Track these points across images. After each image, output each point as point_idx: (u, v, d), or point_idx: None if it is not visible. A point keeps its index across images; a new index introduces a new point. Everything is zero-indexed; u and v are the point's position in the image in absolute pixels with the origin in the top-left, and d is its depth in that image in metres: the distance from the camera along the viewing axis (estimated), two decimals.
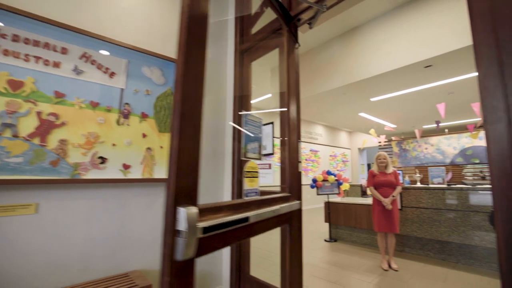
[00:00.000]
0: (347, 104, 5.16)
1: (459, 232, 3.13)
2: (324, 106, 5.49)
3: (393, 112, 5.72)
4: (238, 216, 0.96)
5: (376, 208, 3.20)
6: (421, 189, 3.50)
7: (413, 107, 5.41)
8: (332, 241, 4.44)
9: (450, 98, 4.58)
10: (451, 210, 3.22)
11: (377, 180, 3.21)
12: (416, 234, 3.48)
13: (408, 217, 3.58)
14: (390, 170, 3.22)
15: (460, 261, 3.22)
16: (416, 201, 3.53)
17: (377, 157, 3.31)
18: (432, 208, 3.37)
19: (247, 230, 1.04)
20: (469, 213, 3.08)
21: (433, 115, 6.16)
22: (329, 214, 4.60)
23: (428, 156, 7.28)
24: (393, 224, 3.06)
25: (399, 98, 4.77)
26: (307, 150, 9.49)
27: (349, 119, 6.37)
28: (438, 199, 3.34)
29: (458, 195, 3.19)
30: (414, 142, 7.56)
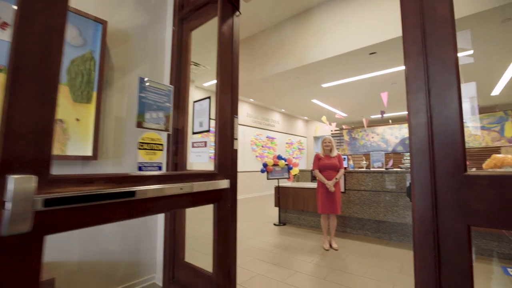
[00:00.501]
0: (300, 89, 5.15)
1: (393, 212, 3.34)
2: (278, 90, 5.41)
3: (343, 100, 5.91)
4: (114, 190, 0.73)
5: (320, 191, 3.23)
6: (363, 173, 3.64)
7: (361, 96, 5.64)
8: (281, 225, 4.47)
9: (394, 88, 4.85)
10: (387, 192, 3.41)
11: (322, 163, 3.24)
12: (357, 215, 3.65)
13: (351, 199, 3.72)
14: (335, 154, 3.26)
15: (392, 238, 3.46)
16: (358, 184, 3.68)
17: (323, 140, 3.32)
18: (372, 191, 3.54)
19: (135, 206, 0.82)
20: (402, 194, 3.29)
21: (378, 105, 6.54)
22: (279, 199, 4.60)
23: (374, 145, 7.81)
24: (335, 206, 3.12)
25: (348, 86, 4.90)
26: (263, 136, 9.48)
27: (303, 105, 6.43)
28: (377, 182, 3.51)
29: (393, 178, 3.38)
30: (363, 131, 8.03)
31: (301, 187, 4.31)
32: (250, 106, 9.01)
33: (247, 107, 8.89)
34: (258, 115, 9.32)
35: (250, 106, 9.01)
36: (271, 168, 4.54)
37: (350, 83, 4.76)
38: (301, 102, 6.25)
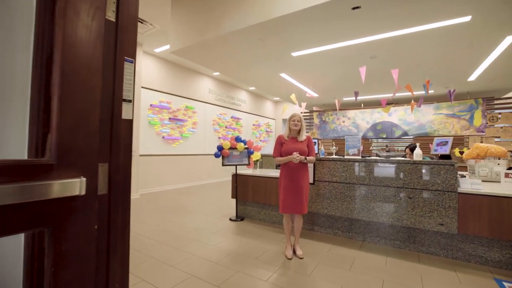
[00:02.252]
0: (267, 59, 4.29)
1: (369, 208, 2.76)
2: (241, 59, 4.49)
3: (315, 76, 5.20)
4: None
5: (282, 183, 2.50)
6: (336, 161, 2.99)
7: (335, 72, 4.96)
8: (238, 220, 3.74)
9: (372, 63, 4.22)
10: (363, 184, 2.81)
11: (286, 148, 2.48)
12: (327, 211, 3.03)
13: (320, 192, 3.08)
14: (303, 137, 2.53)
15: (366, 239, 2.91)
16: (329, 174, 3.03)
17: (291, 118, 2.56)
18: (345, 183, 2.92)
19: None
20: (380, 188, 2.70)
21: (353, 85, 5.97)
22: (236, 189, 3.84)
23: (344, 129, 7.36)
24: (301, 203, 2.43)
25: (321, 57, 4.14)
26: (227, 116, 8.55)
27: (270, 81, 5.60)
28: (352, 172, 2.89)
29: (371, 168, 2.77)
30: (334, 115, 7.51)
31: (263, 176, 3.58)
32: (213, 81, 7.94)
33: (210, 82, 7.81)
34: (223, 92, 8.31)
35: (213, 82, 7.95)
36: (227, 152, 3.71)
37: (324, 53, 4.01)
38: (269, 77, 5.41)
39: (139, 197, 5.37)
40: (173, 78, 6.64)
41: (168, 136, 6.43)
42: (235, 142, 3.78)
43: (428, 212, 2.47)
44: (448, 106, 5.96)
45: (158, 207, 4.45)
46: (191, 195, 5.71)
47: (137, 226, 3.37)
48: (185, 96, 6.97)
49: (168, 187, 6.41)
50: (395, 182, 2.64)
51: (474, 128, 5.65)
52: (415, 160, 2.54)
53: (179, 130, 6.79)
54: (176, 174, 6.63)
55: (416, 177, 2.53)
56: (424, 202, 2.49)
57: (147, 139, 5.96)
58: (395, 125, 6.64)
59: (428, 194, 2.47)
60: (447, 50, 3.86)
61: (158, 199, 5.21)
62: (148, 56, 5.98)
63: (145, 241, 2.88)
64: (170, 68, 6.54)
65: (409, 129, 6.45)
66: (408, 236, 2.68)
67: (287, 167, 2.48)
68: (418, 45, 3.69)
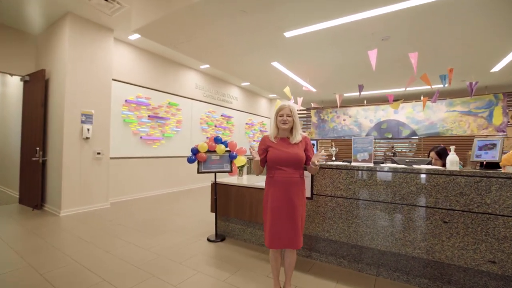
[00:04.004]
0: (255, 40, 3.55)
1: (385, 234, 2.04)
2: (223, 42, 3.76)
3: (312, 65, 4.46)
4: None
5: (268, 204, 1.77)
6: (341, 169, 2.27)
7: (335, 58, 4.23)
8: (218, 241, 3.01)
9: (384, 46, 3.50)
10: (377, 201, 2.09)
11: (273, 154, 1.76)
12: (329, 235, 2.30)
13: (320, 209, 2.35)
14: (298, 138, 1.80)
15: (381, 273, 2.19)
16: (332, 186, 2.30)
17: (278, 111, 1.83)
18: (353, 198, 2.20)
19: None
20: (402, 207, 1.99)
21: (357, 76, 5.26)
22: (216, 202, 3.10)
23: (345, 129, 6.65)
24: (296, 234, 1.70)
25: (321, 38, 3.41)
26: (217, 114, 7.81)
27: (261, 71, 4.86)
28: (362, 185, 2.17)
29: (388, 180, 2.05)
30: (333, 112, 6.80)
31: (249, 186, 2.86)
32: (201, 75, 7.19)
33: (197, 76, 7.06)
34: (211, 88, 7.57)
35: (201, 76, 7.19)
36: (204, 156, 2.97)
37: (324, 33, 3.28)
38: (260, 67, 4.68)
39: (109, 206, 4.62)
40: (154, 71, 5.88)
41: (147, 136, 5.68)
42: (214, 143, 3.04)
43: (472, 244, 1.75)
44: (462, 103, 5.28)
45: (125, 221, 3.71)
46: (170, 203, 4.96)
47: (86, 251, 2.62)
48: (168, 92, 6.21)
49: (146, 193, 5.65)
50: (423, 200, 1.92)
51: (494, 127, 4.98)
52: (452, 170, 1.82)
53: (161, 129, 6.03)
54: (156, 178, 5.87)
55: (454, 193, 1.81)
56: (466, 229, 1.77)
57: (121, 140, 5.20)
58: (402, 123, 5.95)
59: (473, 218, 1.76)
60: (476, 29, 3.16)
61: (130, 209, 4.46)
62: (121, 45, 5.21)
63: (86, 278, 2.13)
64: (149, 60, 5.78)
65: (418, 128, 5.77)
66: (440, 274, 1.97)
67: (275, 180, 1.75)
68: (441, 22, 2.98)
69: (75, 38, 4.17)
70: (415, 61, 2.81)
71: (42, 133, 4.41)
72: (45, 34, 4.66)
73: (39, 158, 4.35)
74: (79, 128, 4.24)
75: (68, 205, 4.10)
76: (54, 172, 4.25)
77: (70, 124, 4.13)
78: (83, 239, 3.01)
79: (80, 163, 4.26)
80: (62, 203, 4.05)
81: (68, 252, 2.62)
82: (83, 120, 4.30)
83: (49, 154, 4.41)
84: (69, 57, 4.10)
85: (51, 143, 4.36)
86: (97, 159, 4.47)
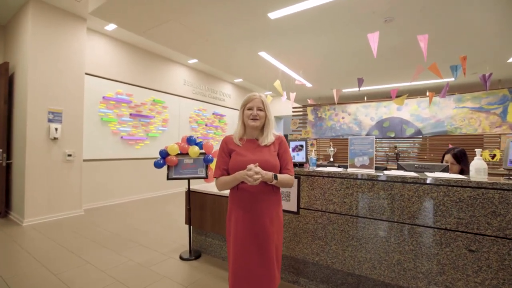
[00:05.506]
0: (237, 26, 3.08)
1: (392, 263, 1.58)
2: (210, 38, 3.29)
3: (306, 55, 3.98)
4: None
5: (231, 231, 1.31)
6: (334, 177, 1.80)
7: (331, 46, 3.74)
8: (192, 259, 2.56)
9: (387, 29, 3.02)
10: (381, 220, 1.62)
11: (236, 161, 1.30)
12: (319, 258, 1.84)
13: (308, 227, 1.89)
14: (271, 139, 1.34)
15: None
16: (323, 199, 1.84)
17: (246, 102, 1.37)
18: (350, 215, 1.73)
19: None
20: (413, 228, 1.52)
21: (357, 69, 4.79)
22: (190, 213, 2.65)
23: (344, 127, 6.18)
24: (268, 272, 1.23)
25: (310, 19, 2.92)
26: (208, 112, 7.35)
27: (249, 64, 4.37)
28: (361, 198, 1.70)
29: (393, 192, 1.58)
30: (331, 110, 6.33)
31: (228, 195, 2.40)
32: (189, 71, 6.73)
33: (185, 72, 6.60)
34: (202, 85, 7.11)
35: (190, 72, 6.73)
36: (174, 160, 2.51)
37: (314, 12, 2.80)
38: (246, 60, 4.20)
39: (83, 213, 4.17)
40: (136, 66, 5.42)
41: (128, 136, 5.22)
42: (186, 145, 2.58)
43: (510, 282, 1.29)
44: (473, 98, 4.80)
45: (92, 233, 3.25)
46: (151, 209, 4.50)
47: (28, 272, 2.16)
48: (153, 88, 5.76)
49: (128, 198, 5.21)
50: (441, 220, 1.45)
51: (509, 125, 4.50)
52: (481, 182, 1.36)
53: (144, 128, 5.58)
54: (139, 181, 5.42)
55: (483, 213, 1.35)
56: (501, 261, 1.31)
57: (98, 140, 4.75)
58: (405, 121, 5.47)
59: (511, 247, 1.29)
60: (493, 12, 2.69)
61: (104, 217, 4.01)
62: (97, 36, 4.75)
63: None
64: (131, 53, 5.32)
65: (424, 126, 5.29)
66: None
67: (240, 196, 1.29)
68: (455, 2, 2.51)
69: (39, 27, 3.72)
70: (425, 45, 2.35)
71: (6, 133, 3.96)
72: (11, 23, 4.21)
73: (3, 161, 3.91)
74: (45, 127, 3.79)
75: (33, 213, 3.65)
76: (19, 176, 3.80)
77: (34, 123, 3.68)
78: (32, 255, 2.56)
79: (48, 166, 3.81)
80: (26, 211, 3.60)
81: (3, 273, 2.17)
82: (50, 118, 3.85)
83: (14, 157, 3.97)
84: (31, 48, 3.65)
85: (16, 144, 3.92)
86: (67, 161, 4.02)
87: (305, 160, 2.16)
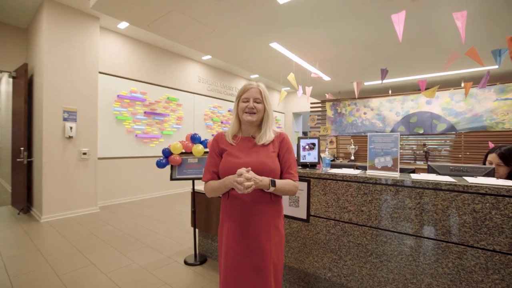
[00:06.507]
0: (245, 14, 2.85)
1: (419, 283, 1.29)
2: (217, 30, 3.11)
3: (320, 45, 3.65)
4: None
5: (223, 245, 1.11)
6: (350, 181, 1.54)
7: (349, 35, 3.38)
8: (197, 264, 2.41)
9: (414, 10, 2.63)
10: (407, 235, 1.34)
11: (227, 163, 1.09)
12: (332, 275, 1.60)
13: (319, 237, 1.65)
14: (269, 136, 1.12)
15: None
16: (337, 206, 1.59)
17: (241, 93, 1.16)
18: (368, 226, 1.47)
19: None
20: (450, 247, 1.23)
21: (379, 60, 4.38)
22: (194, 215, 2.50)
23: (366, 123, 5.75)
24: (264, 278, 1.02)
25: (324, 2, 2.60)
26: (224, 109, 7.22)
27: (262, 58, 4.09)
28: (382, 206, 1.43)
29: (424, 200, 1.29)
30: (352, 105, 5.91)
31: None
32: (204, 68, 6.63)
33: (199, 69, 6.51)
34: (217, 82, 6.99)
35: (204, 68, 6.63)
36: (178, 159, 2.37)
37: None
38: (259, 53, 3.95)
39: (99, 211, 4.22)
40: (150, 64, 5.40)
41: (143, 134, 5.23)
42: (190, 143, 2.43)
43: None
44: None
45: (102, 231, 3.23)
46: (159, 209, 4.46)
47: (31, 271, 2.13)
48: (167, 86, 5.72)
49: (142, 196, 5.23)
50: (487, 239, 1.15)
51: None
52: None
53: (159, 126, 5.57)
54: (153, 180, 5.42)
55: None
56: None
57: (114, 138, 4.78)
58: (436, 116, 4.94)
59: None
60: None
61: (117, 215, 4.02)
62: (110, 34, 4.77)
63: None
64: (144, 51, 5.30)
65: (458, 121, 4.74)
66: None
67: (232, 205, 1.09)
68: None
69: (53, 27, 3.76)
70: (463, 24, 1.97)
71: (26, 132, 4.09)
72: (31, 26, 4.33)
73: (24, 159, 4.04)
74: (60, 126, 3.85)
75: (50, 210, 3.73)
76: (37, 174, 3.91)
77: (50, 122, 3.75)
78: (42, 254, 2.56)
79: (64, 164, 3.88)
80: (43, 208, 3.69)
81: (11, 271, 2.15)
82: (65, 117, 3.90)
83: (34, 155, 4.09)
84: (46, 49, 3.70)
85: (35, 143, 4.03)
86: (82, 159, 4.07)
87: (317, 160, 1.91)
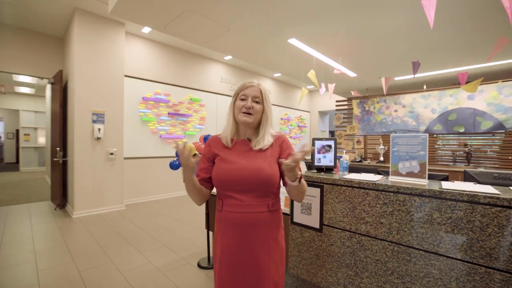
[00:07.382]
0: (257, 8, 2.72)
1: None
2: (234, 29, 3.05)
3: (342, 38, 3.38)
4: None
5: (217, 258, 1.02)
6: (368, 189, 1.36)
7: (375, 25, 3.09)
8: (210, 268, 2.37)
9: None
10: (437, 254, 1.14)
11: (220, 170, 1.00)
12: None
13: (333, 250, 1.49)
14: (268, 141, 1.01)
15: None
16: (353, 215, 1.42)
17: (239, 91, 1.06)
18: (390, 242, 1.28)
19: None
20: (491, 273, 1.01)
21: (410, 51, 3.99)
22: (208, 217, 2.46)
23: (397, 121, 5.32)
24: None
25: None
26: None
27: (279, 54, 3.89)
28: (405, 219, 1.24)
29: (458, 215, 1.08)
30: (381, 102, 5.51)
31: None
32: (226, 68, 6.64)
33: (222, 69, 6.53)
34: (239, 81, 6.96)
35: (226, 68, 6.65)
36: None
37: None
38: (278, 51, 3.80)
39: (125, 208, 4.41)
40: (173, 66, 5.53)
41: (166, 135, 5.37)
42: (203, 144, 2.39)
43: None
44: None
45: (125, 229, 3.35)
46: (180, 209, 4.52)
47: (52, 267, 2.25)
48: (190, 87, 5.82)
49: (166, 195, 5.38)
50: None
51: None
52: None
53: (182, 127, 5.68)
54: (174, 179, 5.55)
55: None
56: None
57: (139, 139, 4.97)
58: (480, 113, 4.38)
59: None
60: None
61: (141, 214, 4.16)
62: (134, 39, 4.95)
63: None
64: (167, 54, 5.44)
65: (507, 118, 4.15)
66: None
67: (224, 217, 1.00)
68: None
69: (83, 35, 3.99)
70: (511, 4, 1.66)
71: (61, 134, 4.40)
72: (66, 36, 4.65)
73: (59, 159, 4.35)
74: (90, 128, 4.08)
75: (81, 207, 3.98)
76: (71, 172, 4.20)
77: (80, 124, 3.99)
78: (69, 249, 2.71)
79: (93, 163, 4.11)
80: (75, 205, 3.95)
81: (40, 265, 2.29)
82: (94, 119, 4.13)
83: (68, 155, 4.40)
84: (77, 56, 3.94)
85: (69, 144, 4.33)
86: (110, 159, 4.28)
87: (333, 163, 1.74)
